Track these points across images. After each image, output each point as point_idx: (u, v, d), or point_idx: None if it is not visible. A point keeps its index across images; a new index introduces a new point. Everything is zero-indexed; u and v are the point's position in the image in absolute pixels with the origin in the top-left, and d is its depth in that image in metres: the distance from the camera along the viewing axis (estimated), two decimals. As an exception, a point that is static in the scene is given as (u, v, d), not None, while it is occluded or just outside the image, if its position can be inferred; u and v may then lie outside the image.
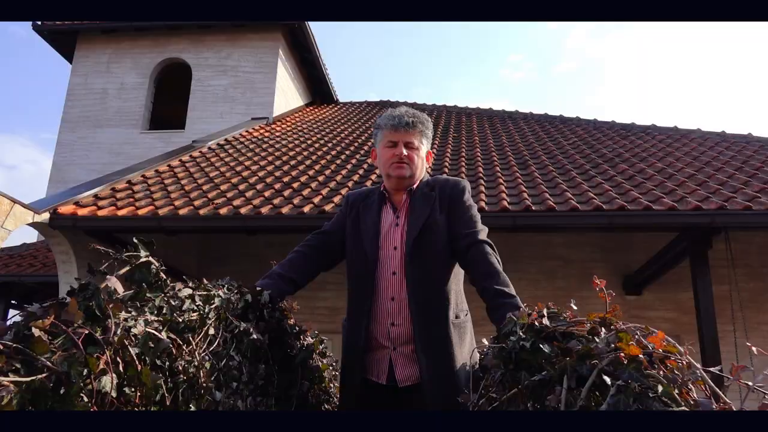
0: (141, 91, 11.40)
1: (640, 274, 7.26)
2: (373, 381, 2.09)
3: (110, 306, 1.18)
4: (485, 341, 1.91)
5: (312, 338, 2.36)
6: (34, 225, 5.74)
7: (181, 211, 5.81)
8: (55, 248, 6.23)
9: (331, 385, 2.58)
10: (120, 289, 1.24)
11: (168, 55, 11.57)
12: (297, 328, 2.18)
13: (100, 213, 5.83)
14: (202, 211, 5.79)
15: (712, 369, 1.07)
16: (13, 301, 10.01)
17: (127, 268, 1.29)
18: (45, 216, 5.73)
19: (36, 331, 1.05)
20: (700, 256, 5.52)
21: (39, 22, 11.49)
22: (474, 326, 2.19)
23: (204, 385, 1.44)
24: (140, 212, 5.83)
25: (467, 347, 2.06)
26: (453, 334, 2.01)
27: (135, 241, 1.34)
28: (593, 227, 5.59)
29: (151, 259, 1.37)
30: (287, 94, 12.08)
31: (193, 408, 1.40)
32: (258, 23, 11.22)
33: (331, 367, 2.61)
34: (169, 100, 11.99)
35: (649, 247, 7.05)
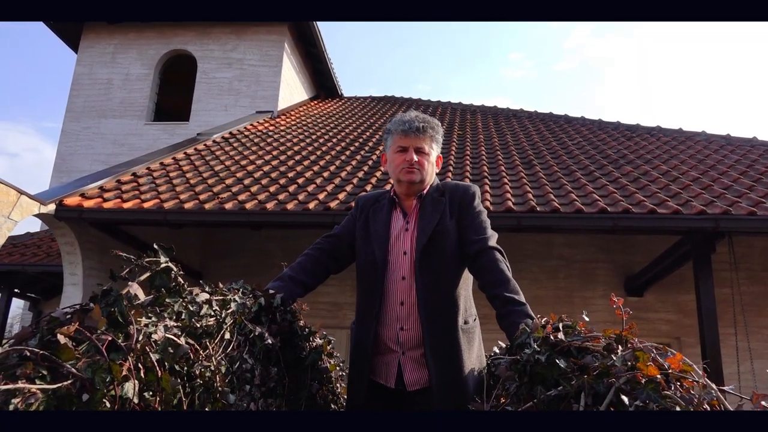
0: (146, 82, 11.39)
1: (642, 276, 7.28)
2: (381, 384, 2.11)
3: (132, 312, 1.20)
4: (496, 349, 1.93)
5: (321, 339, 2.38)
6: (40, 216, 5.75)
7: (187, 205, 5.82)
8: (60, 239, 6.25)
9: (338, 385, 2.60)
10: (141, 295, 1.25)
11: (174, 46, 11.56)
12: (307, 330, 2.20)
13: (106, 205, 5.85)
14: (207, 206, 5.81)
15: (726, 388, 1.08)
16: (16, 290, 10.04)
17: (148, 274, 1.31)
18: (51, 207, 5.74)
19: (62, 338, 1.07)
20: (703, 259, 5.54)
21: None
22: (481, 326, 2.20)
23: (220, 389, 1.45)
24: (145, 205, 5.85)
25: (476, 353, 2.07)
26: (462, 340, 2.02)
27: (155, 246, 1.35)
28: (598, 229, 5.60)
29: (170, 264, 1.38)
30: (292, 87, 12.07)
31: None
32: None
33: (338, 368, 2.63)
34: (173, 92, 11.99)
35: (651, 248, 7.07)
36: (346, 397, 2.30)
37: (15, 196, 5.32)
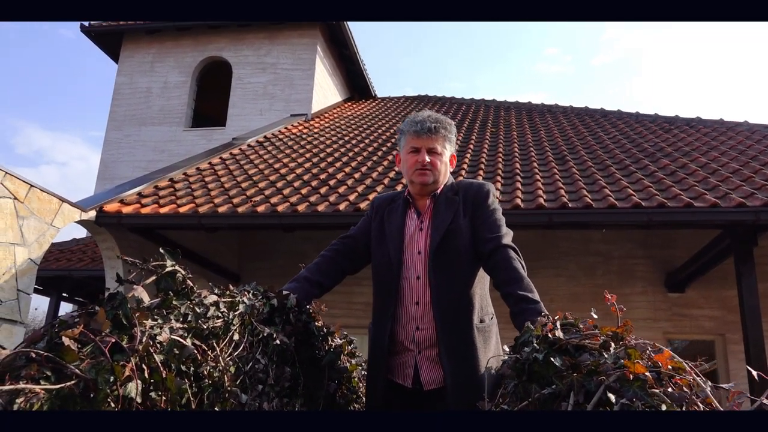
0: (183, 89, 11.64)
1: (683, 271, 7.09)
2: (398, 383, 2.12)
3: (136, 314, 1.24)
4: (506, 348, 1.92)
5: (341, 339, 2.40)
6: (81, 222, 5.95)
7: (221, 209, 5.94)
8: (102, 244, 6.46)
9: (360, 385, 2.62)
10: (146, 298, 1.29)
11: (209, 53, 11.78)
12: (324, 330, 2.22)
13: (143, 211, 6.01)
14: (240, 209, 5.91)
15: (724, 385, 1.06)
16: (64, 294, 10.43)
17: (154, 277, 1.35)
18: (91, 214, 5.94)
19: (66, 340, 1.12)
20: (745, 254, 5.37)
21: (87, 24, 11.86)
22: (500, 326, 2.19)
23: (229, 388, 1.49)
24: (181, 210, 5.99)
25: (492, 351, 2.06)
26: (477, 339, 2.02)
27: (161, 251, 1.39)
28: (632, 225, 5.48)
29: (177, 267, 1.42)
30: (325, 90, 12.17)
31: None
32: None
33: (360, 367, 2.64)
34: (210, 98, 12.23)
35: (692, 243, 6.89)
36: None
37: (57, 203, 5.52)
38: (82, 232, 10.80)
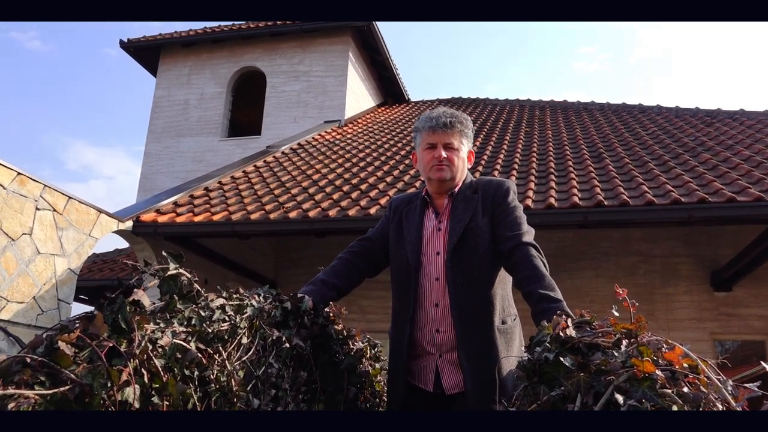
0: (219, 100, 11.82)
1: (729, 269, 6.81)
2: (420, 387, 2.07)
3: (136, 318, 1.23)
4: (523, 349, 1.85)
5: (363, 343, 2.36)
6: (119, 232, 6.07)
7: (253, 216, 5.99)
8: (139, 254, 6.58)
9: (385, 389, 2.57)
10: (146, 301, 1.28)
11: (244, 64, 11.95)
12: (344, 334, 2.19)
13: (179, 219, 6.10)
14: (272, 216, 5.95)
15: (749, 385, 0.98)
16: (108, 304, 10.66)
17: (156, 281, 1.34)
18: (129, 224, 6.06)
19: (61, 345, 1.11)
20: (794, 249, 5.13)
21: (126, 40, 12.18)
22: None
23: (237, 393, 1.46)
24: (215, 218, 6.06)
25: (515, 354, 1.99)
26: (499, 341, 1.95)
27: (164, 254, 1.38)
28: (671, 222, 5.29)
29: (181, 270, 1.40)
30: (358, 95, 12.19)
31: (226, 416, 1.43)
32: (328, 28, 11.43)
33: (384, 371, 2.60)
34: (245, 108, 12.40)
35: (738, 239, 6.62)
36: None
37: (95, 214, 5.65)
38: (124, 243, 11.04)
